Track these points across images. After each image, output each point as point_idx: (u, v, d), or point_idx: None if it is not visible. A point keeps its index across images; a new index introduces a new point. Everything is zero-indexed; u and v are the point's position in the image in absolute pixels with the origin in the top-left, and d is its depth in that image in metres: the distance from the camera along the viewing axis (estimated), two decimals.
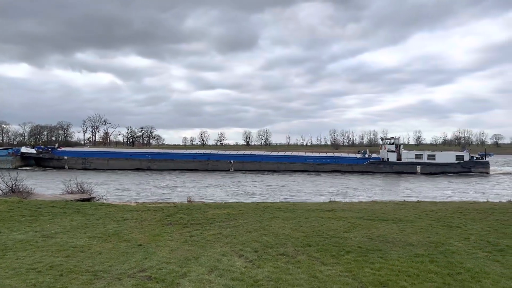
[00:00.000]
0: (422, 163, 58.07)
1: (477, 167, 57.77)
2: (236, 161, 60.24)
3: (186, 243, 9.17)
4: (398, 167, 58.14)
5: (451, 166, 57.75)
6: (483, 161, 59.01)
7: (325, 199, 23.24)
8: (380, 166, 58.64)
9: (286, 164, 59.75)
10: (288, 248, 8.76)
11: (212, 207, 14.49)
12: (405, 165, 58.28)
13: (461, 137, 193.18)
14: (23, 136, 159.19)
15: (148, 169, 58.51)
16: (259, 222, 11.51)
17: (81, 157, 61.04)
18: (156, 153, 65.03)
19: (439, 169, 57.27)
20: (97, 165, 59.23)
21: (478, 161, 58.95)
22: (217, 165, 59.66)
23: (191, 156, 62.57)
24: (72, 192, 18.21)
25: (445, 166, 57.68)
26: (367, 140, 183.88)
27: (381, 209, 14.48)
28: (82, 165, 59.40)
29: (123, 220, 11.97)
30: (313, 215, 12.79)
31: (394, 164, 58.59)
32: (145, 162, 60.08)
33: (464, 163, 58.09)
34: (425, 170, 57.07)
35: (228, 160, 60.39)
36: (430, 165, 57.82)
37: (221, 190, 35.66)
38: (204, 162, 60.41)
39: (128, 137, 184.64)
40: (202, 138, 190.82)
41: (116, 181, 41.92)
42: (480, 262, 7.77)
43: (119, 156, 62.53)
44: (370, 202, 18.33)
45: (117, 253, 8.36)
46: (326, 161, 60.17)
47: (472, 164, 58.13)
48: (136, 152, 68.04)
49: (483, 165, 58.26)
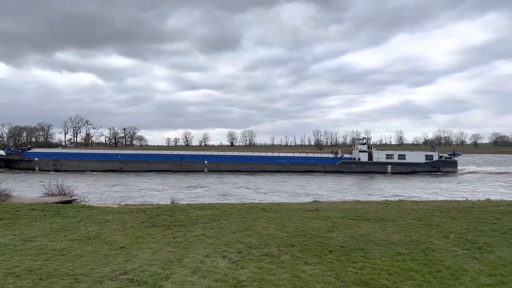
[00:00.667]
0: (393, 163, 59.33)
1: (445, 167, 59.30)
2: (210, 162, 60.02)
3: (169, 244, 9.10)
4: (369, 167, 59.28)
5: (421, 166, 59.14)
6: (451, 161, 60.55)
7: (296, 200, 23.36)
8: (352, 166, 59.63)
9: (260, 164, 60.02)
10: (271, 248, 8.78)
11: (195, 208, 14.42)
12: (376, 165, 59.44)
13: (442, 137, 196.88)
14: (1, 138, 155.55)
15: (121, 171, 57.55)
16: (243, 223, 11.51)
17: (52, 159, 59.56)
18: (129, 154, 64.11)
19: (409, 168, 58.60)
20: (68, 167, 57.99)
21: (447, 161, 60.42)
22: (191, 166, 59.32)
23: (165, 157, 61.96)
24: (52, 194, 17.87)
25: (415, 165, 59.04)
26: (350, 141, 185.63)
27: (363, 209, 14.63)
28: (53, 167, 58.03)
29: (105, 222, 11.81)
30: (296, 215, 12.85)
31: (365, 164, 59.67)
32: (117, 164, 59.11)
33: (433, 163, 59.53)
34: (396, 169, 58.41)
35: (202, 161, 60.16)
36: (401, 164, 59.10)
37: (203, 191, 35.52)
38: (178, 163, 59.92)
39: (110, 138, 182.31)
40: (186, 139, 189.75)
41: (96, 183, 41.33)
42: (459, 259, 7.93)
43: (91, 157, 61.32)
44: (353, 201, 18.52)
45: (98, 256, 8.24)
46: (299, 161, 60.79)
47: (440, 164, 59.58)
48: (109, 153, 66.88)
49: (451, 165, 59.83)
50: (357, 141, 64.63)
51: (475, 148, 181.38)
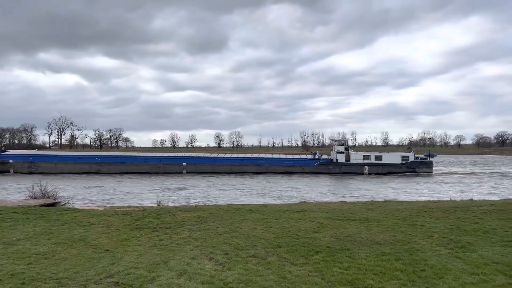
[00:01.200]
0: (370, 163, 60.14)
1: (421, 167, 60.37)
2: (188, 164, 59.75)
3: (155, 247, 9.04)
4: (347, 167, 59.95)
5: (397, 167, 60.06)
6: (427, 162, 61.59)
7: (274, 201, 23.43)
8: (329, 167, 60.27)
9: (238, 166, 60.07)
10: (258, 249, 8.79)
11: (182, 210, 14.34)
12: (353, 166, 60.15)
13: (426, 138, 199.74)
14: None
15: (97, 173, 56.70)
16: (229, 225, 11.49)
17: (28, 161, 58.37)
18: (106, 156, 63.46)
19: (385, 169, 59.49)
20: (44, 169, 56.67)
21: (422, 162, 61.45)
22: (169, 167, 58.92)
23: (142, 159, 61.61)
24: (36, 197, 17.56)
25: (391, 166, 59.94)
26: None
27: (349, 209, 14.75)
28: (28, 169, 56.92)
29: (90, 225, 11.66)
30: (283, 216, 12.89)
31: (342, 165, 60.35)
32: (94, 166, 58.40)
33: (409, 164, 60.53)
34: (373, 170, 59.19)
35: (180, 163, 59.89)
36: (377, 165, 59.94)
37: (186, 193, 35.34)
38: (156, 165, 59.52)
39: (95, 139, 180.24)
40: (172, 140, 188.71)
41: (80, 186, 40.79)
42: (443, 259, 8.05)
43: (68, 159, 60.43)
44: (339, 202, 18.66)
45: (83, 259, 8.14)
46: (278, 163, 61.16)
47: (416, 165, 60.61)
48: (86, 155, 66.19)
49: (427, 165, 60.89)
50: (335, 142, 65.35)
51: (458, 149, 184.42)
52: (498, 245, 9.20)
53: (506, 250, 8.66)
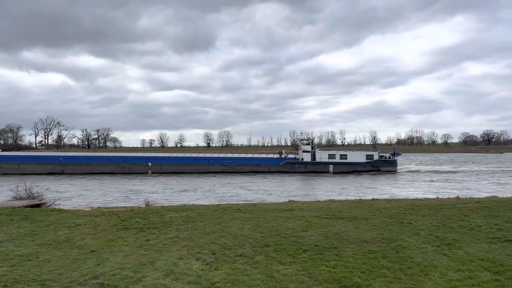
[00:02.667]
0: (335, 162, 61.04)
1: (385, 166, 61.54)
2: (154, 164, 59.72)
3: (142, 247, 8.94)
4: (312, 166, 60.68)
5: (361, 165, 61.09)
6: (390, 160, 62.72)
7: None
8: (295, 166, 60.92)
9: (204, 165, 60.32)
10: (246, 249, 8.75)
11: (170, 210, 14.24)
12: (318, 165, 60.93)
13: (414, 137, 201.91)
14: None
15: (61, 173, 56.17)
16: (217, 224, 11.44)
17: None
18: (70, 157, 63.15)
19: (350, 168, 60.42)
20: (6, 170, 55.93)
21: (386, 160, 62.60)
22: (134, 168, 58.83)
23: (107, 159, 61.41)
24: (21, 198, 17.26)
25: (356, 165, 60.93)
26: (325, 141, 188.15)
27: (337, 208, 14.80)
28: None
29: (76, 226, 11.51)
30: (272, 215, 12.87)
31: (308, 164, 61.04)
32: (58, 166, 57.87)
33: (374, 162, 61.59)
34: (337, 169, 60.07)
35: (145, 163, 59.82)
36: (342, 164, 60.83)
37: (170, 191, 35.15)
38: (121, 165, 59.29)
39: (83, 140, 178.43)
40: (161, 140, 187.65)
41: (70, 187, 40.30)
42: (429, 256, 8.11)
43: (31, 160, 59.70)
44: (328, 201, 18.73)
45: (67, 260, 8.01)
46: (244, 162, 61.51)
47: (380, 163, 61.71)
48: (50, 155, 65.45)
49: (390, 164, 62.04)
50: (301, 141, 65.62)
51: (445, 147, 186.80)
52: (483, 242, 9.30)
53: (491, 247, 8.76)
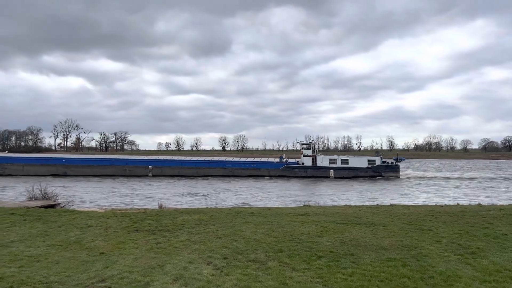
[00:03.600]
0: (336, 167, 59.97)
1: (387, 171, 60.23)
2: (154, 167, 59.83)
3: (152, 250, 8.73)
4: (312, 171, 59.76)
5: (363, 171, 59.86)
6: (393, 166, 61.31)
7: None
8: (295, 170, 60.05)
9: (205, 169, 60.05)
10: (258, 254, 8.45)
11: (182, 212, 14.03)
12: (319, 170, 59.93)
13: (432, 143, 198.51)
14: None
15: (64, 175, 56.58)
16: (230, 228, 11.16)
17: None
18: (73, 159, 64.08)
19: (351, 173, 59.29)
20: (11, 171, 56.94)
21: (388, 166, 61.23)
22: (135, 170, 58.96)
23: (109, 161, 62.13)
24: (35, 198, 17.35)
25: (357, 170, 59.74)
26: (341, 146, 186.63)
27: (354, 213, 14.37)
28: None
29: (87, 227, 11.39)
30: (286, 220, 12.54)
31: (308, 169, 60.13)
32: (61, 168, 58.52)
33: (375, 168, 60.32)
34: (338, 174, 59.02)
35: (146, 166, 60.02)
36: (343, 169, 59.71)
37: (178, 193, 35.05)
38: (122, 167, 59.48)
39: (101, 142, 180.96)
40: (177, 143, 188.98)
41: (83, 188, 40.65)
42: (452, 265, 7.67)
43: (35, 161, 60.64)
44: (344, 206, 18.27)
45: (76, 262, 7.85)
46: (244, 166, 60.97)
47: (382, 169, 60.41)
48: (53, 157, 66.79)
49: (393, 169, 60.63)
50: (302, 145, 64.59)
51: (465, 153, 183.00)
52: (509, 251, 8.80)
53: None
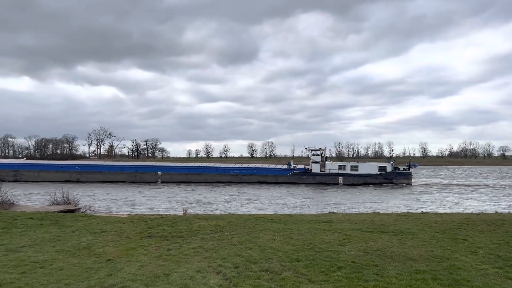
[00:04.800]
0: (345, 174, 58.50)
1: (398, 178, 58.07)
2: (163, 173, 60.26)
3: (161, 257, 8.26)
4: (321, 178, 58.50)
5: (373, 177, 58.07)
6: (405, 172, 59.07)
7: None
8: (303, 177, 58.97)
9: (212, 175, 59.99)
10: (273, 263, 7.83)
11: (200, 218, 13.58)
12: (327, 176, 58.60)
13: (467, 149, 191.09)
14: (28, 150, 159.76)
15: (77, 181, 57.25)
16: (246, 234, 10.58)
17: (13, 169, 60.30)
18: (85, 165, 65.35)
19: (361, 180, 57.62)
20: (28, 177, 58.32)
21: (400, 172, 59.06)
22: (144, 177, 59.63)
23: (119, 168, 63.02)
24: (58, 203, 17.39)
25: (367, 177, 57.99)
26: (372, 152, 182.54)
27: (381, 221, 13.49)
28: (13, 177, 58.32)
29: (101, 232, 11.10)
30: (307, 227, 11.84)
31: (317, 175, 58.92)
32: (74, 174, 59.73)
33: (386, 174, 58.39)
34: (348, 181, 57.51)
35: (155, 172, 60.55)
36: (353, 176, 58.15)
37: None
38: (132, 174, 60.32)
39: (133, 150, 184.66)
40: (206, 150, 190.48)
41: (95, 193, 41.11)
42: (490, 279, 6.80)
43: (50, 168, 62.09)
44: (371, 213, 17.34)
45: (80, 269, 7.48)
46: (252, 172, 60.49)
47: (393, 175, 58.36)
48: (67, 164, 68.33)
49: (404, 176, 58.38)
50: (312, 152, 63.43)
51: (503, 160, 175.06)
52: None
53: None
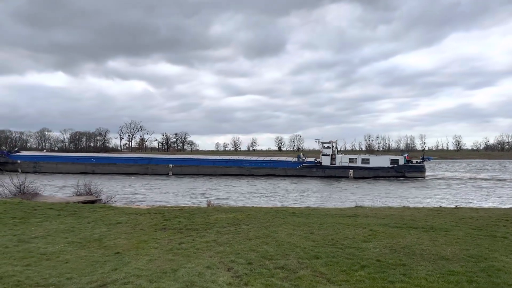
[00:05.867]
0: (355, 167, 56.95)
1: (411, 172, 55.89)
2: (174, 165, 60.61)
3: (171, 251, 7.83)
4: (331, 171, 57.16)
5: (385, 170, 56.18)
6: (417, 165, 56.74)
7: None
8: (313, 170, 57.83)
9: (222, 168, 59.89)
10: (290, 260, 7.24)
11: (218, 210, 13.13)
12: (337, 169, 57.17)
13: (505, 142, 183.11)
14: (63, 143, 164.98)
15: (92, 173, 57.47)
16: (264, 228, 10.03)
17: (33, 161, 62.10)
18: (100, 157, 66.71)
19: (372, 173, 55.87)
20: (46, 169, 59.92)
21: (413, 166, 56.80)
22: (156, 169, 60.08)
23: (132, 160, 63.92)
24: (80, 194, 17.44)
25: (378, 170, 56.20)
26: (403, 146, 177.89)
27: (411, 215, 12.63)
28: (33, 169, 59.86)
29: (116, 223, 10.83)
30: (329, 221, 11.16)
31: (326, 168, 57.59)
32: (89, 166, 60.70)
33: (398, 167, 56.35)
34: (358, 174, 55.90)
35: (167, 164, 61.01)
36: (363, 169, 56.48)
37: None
38: (144, 166, 61.05)
39: (163, 143, 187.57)
40: (234, 144, 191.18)
41: (117, 185, 41.49)
42: None
43: (67, 160, 63.88)
44: (401, 207, 16.42)
45: (86, 262, 7.14)
46: (261, 165, 59.95)
47: (406, 169, 56.21)
48: (83, 156, 69.81)
49: (417, 170, 56.08)
50: (322, 144, 61.68)
51: None
52: None
53: None
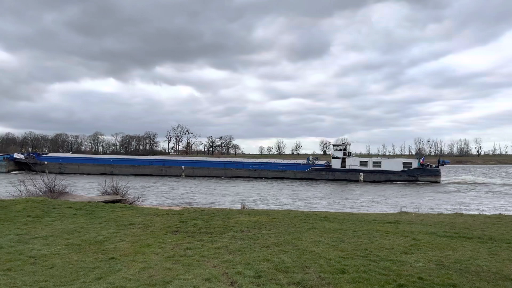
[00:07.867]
0: (366, 170, 53.84)
1: (424, 176, 51.82)
2: (187, 167, 61.41)
3: (172, 258, 6.78)
4: (340, 174, 54.45)
5: (397, 174, 52.73)
6: (431, 169, 52.47)
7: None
8: (322, 173, 55.67)
9: (232, 170, 59.97)
10: (310, 273, 5.95)
11: (243, 213, 11.98)
12: (347, 173, 54.31)
13: None
14: (115, 146, 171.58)
15: (111, 174, 58.95)
16: (287, 234, 8.75)
17: (58, 163, 64.77)
18: (118, 159, 68.62)
19: (383, 177, 52.56)
20: (70, 170, 61.98)
21: (427, 169, 52.57)
22: (170, 170, 61.28)
23: (148, 162, 65.23)
24: (107, 193, 17.01)
25: (390, 174, 52.85)
26: (457, 150, 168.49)
27: (465, 223, 10.83)
28: (58, 170, 60.87)
29: (128, 224, 10.00)
30: (365, 228, 9.67)
31: (336, 171, 54.88)
32: (108, 167, 62.12)
33: (410, 171, 52.47)
34: (369, 178, 52.84)
35: (179, 166, 61.86)
36: (374, 172, 53.23)
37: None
38: (159, 167, 62.39)
39: (208, 146, 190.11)
40: (278, 147, 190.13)
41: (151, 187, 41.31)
42: None
43: (88, 161, 66.29)
44: (453, 214, 14.48)
45: (72, 268, 6.24)
46: (271, 168, 58.97)
47: (419, 172, 52.20)
48: (103, 158, 72.49)
49: (431, 174, 51.80)
50: (334, 147, 59.23)
51: None
52: None
53: None
